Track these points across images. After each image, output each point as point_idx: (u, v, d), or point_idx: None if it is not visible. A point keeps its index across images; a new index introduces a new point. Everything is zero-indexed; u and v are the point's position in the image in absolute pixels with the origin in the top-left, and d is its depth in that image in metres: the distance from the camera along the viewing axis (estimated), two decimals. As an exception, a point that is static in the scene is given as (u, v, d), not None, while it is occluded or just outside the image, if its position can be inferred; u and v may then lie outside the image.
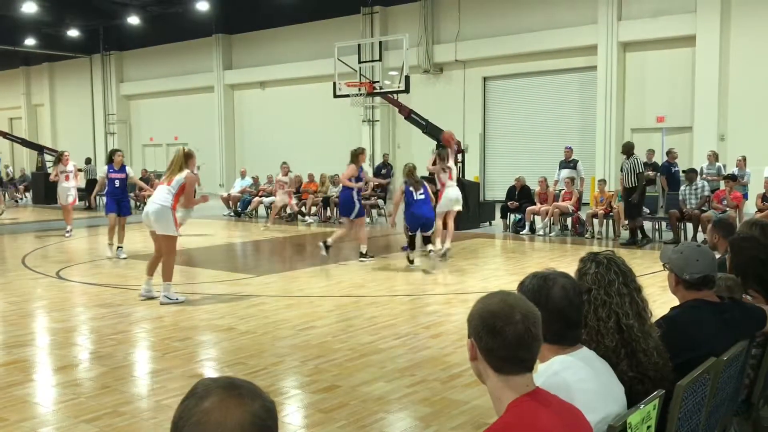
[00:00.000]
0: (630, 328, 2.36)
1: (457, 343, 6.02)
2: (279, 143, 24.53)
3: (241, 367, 5.46)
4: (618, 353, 2.34)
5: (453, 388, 4.92)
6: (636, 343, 2.36)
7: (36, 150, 26.70)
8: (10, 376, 5.30)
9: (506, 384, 1.77)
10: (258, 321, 7.03)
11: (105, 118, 33.35)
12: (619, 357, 2.34)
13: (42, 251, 12.41)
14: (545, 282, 2.17)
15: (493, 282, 9.00)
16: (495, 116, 22.46)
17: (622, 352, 2.35)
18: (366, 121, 24.36)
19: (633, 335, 2.36)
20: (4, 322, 7.28)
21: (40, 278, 9.67)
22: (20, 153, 34.29)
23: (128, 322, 7.13)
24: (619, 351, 2.35)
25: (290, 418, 4.43)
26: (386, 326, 6.74)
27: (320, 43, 23.52)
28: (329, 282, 9.38)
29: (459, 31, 22.12)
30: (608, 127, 19.28)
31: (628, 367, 2.34)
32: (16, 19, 27.19)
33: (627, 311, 2.38)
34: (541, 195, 14.14)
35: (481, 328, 1.79)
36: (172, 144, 30.66)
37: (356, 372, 5.31)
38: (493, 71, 22.09)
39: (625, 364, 2.34)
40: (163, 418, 4.37)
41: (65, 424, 4.35)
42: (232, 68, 28.51)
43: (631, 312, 2.39)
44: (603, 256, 2.49)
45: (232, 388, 1.26)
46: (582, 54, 19.80)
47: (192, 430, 1.21)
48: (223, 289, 8.73)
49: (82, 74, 33.80)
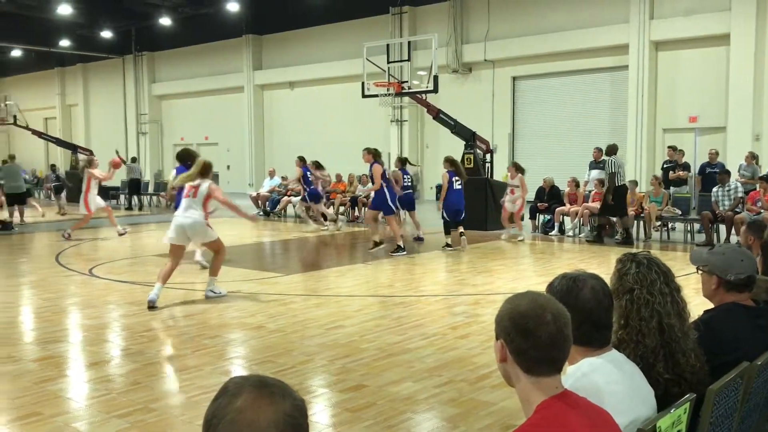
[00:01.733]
0: (671, 327, 2.34)
1: (486, 343, 6.00)
2: (307, 143, 24.63)
3: (270, 365, 5.50)
4: (657, 354, 2.33)
5: (481, 389, 4.90)
6: (676, 344, 2.34)
7: (70, 149, 27.17)
8: (44, 372, 5.41)
9: (536, 385, 1.77)
10: (287, 319, 7.08)
11: (137, 118, 33.83)
12: (657, 358, 2.32)
13: (75, 249, 12.62)
14: (574, 283, 2.16)
15: (522, 283, 8.95)
16: (524, 116, 22.32)
17: (660, 353, 2.33)
18: (394, 121, 24.37)
19: (674, 335, 2.34)
20: (38, 319, 7.43)
21: (73, 275, 9.85)
22: (55, 152, 34.92)
23: (159, 319, 7.22)
24: (658, 352, 2.33)
25: (318, 416, 4.45)
26: (414, 326, 6.74)
27: (349, 43, 23.59)
28: (357, 281, 9.40)
29: (488, 30, 22.02)
30: (639, 128, 19.05)
31: (664, 368, 2.31)
32: (52, 21, 27.73)
33: (669, 311, 2.37)
34: (571, 196, 14.02)
35: (511, 329, 1.78)
36: (202, 144, 30.98)
37: (384, 371, 5.32)
38: (522, 71, 21.96)
39: (662, 365, 2.31)
40: (193, 414, 4.42)
41: (97, 420, 4.42)
42: (262, 68, 28.72)
43: (673, 311, 2.37)
44: (642, 256, 2.47)
45: (263, 386, 1.28)
46: (613, 53, 19.59)
47: (225, 428, 1.23)
48: (253, 288, 8.80)
49: (115, 75, 34.33)
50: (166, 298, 8.15)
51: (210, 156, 21.38)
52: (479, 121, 19.48)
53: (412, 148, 24.41)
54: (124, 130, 34.27)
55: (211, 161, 8.30)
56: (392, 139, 24.56)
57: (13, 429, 4.30)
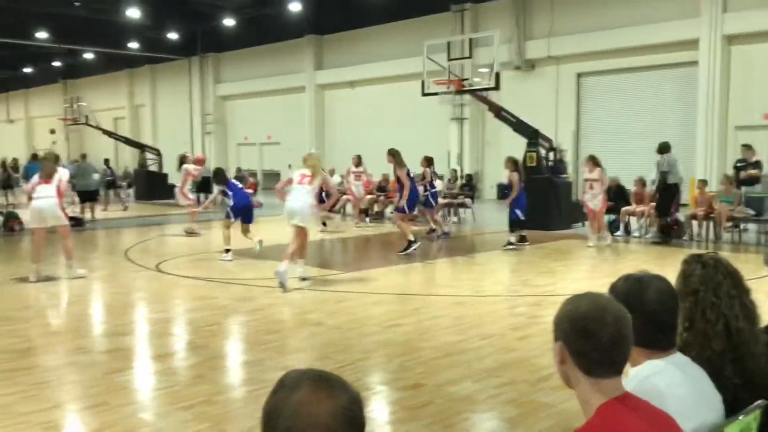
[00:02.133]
0: (740, 331, 2.26)
1: (546, 345, 5.90)
2: (367, 142, 24.75)
3: (328, 361, 5.55)
4: (724, 358, 2.24)
5: (541, 390, 4.83)
6: (745, 347, 2.25)
7: (138, 148, 28.05)
8: (112, 363, 5.59)
9: (596, 387, 1.73)
10: (345, 316, 7.13)
11: (202, 118, 34.66)
12: (725, 362, 2.24)
13: (143, 245, 13.01)
14: (639, 284, 2.10)
15: (585, 284, 8.76)
16: (589, 113, 21.89)
17: (728, 357, 2.24)
18: (454, 119, 24.25)
19: (743, 339, 2.25)
20: (107, 312, 7.70)
21: (141, 271, 10.15)
22: (123, 151, 36.12)
23: (222, 314, 7.37)
24: (725, 355, 2.24)
25: (376, 413, 4.47)
26: (472, 326, 6.69)
27: (409, 41, 23.59)
28: (416, 280, 9.39)
29: (552, 26, 21.68)
30: (710, 125, 18.43)
31: (733, 373, 2.23)
32: (121, 23, 28.70)
33: (737, 314, 2.28)
34: (637, 195, 13.67)
35: (571, 330, 1.75)
36: (265, 143, 31.53)
37: (442, 371, 5.30)
38: (587, 67, 21.54)
39: (730, 370, 2.23)
40: (254, 407, 4.49)
41: (162, 411, 4.55)
42: (323, 68, 29.00)
43: (741, 315, 2.28)
44: (708, 258, 2.39)
45: (321, 380, 1.29)
46: (682, 49, 19.02)
47: (286, 422, 1.24)
48: (313, 285, 8.89)
49: (181, 76, 35.25)
50: (228, 293, 8.32)
51: (272, 155, 21.71)
52: (542, 119, 19.16)
53: (472, 146, 24.25)
54: (190, 130, 35.15)
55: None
56: (452, 137, 24.44)
57: (83, 417, 4.46)
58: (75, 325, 7.00)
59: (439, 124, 24.38)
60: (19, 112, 48.84)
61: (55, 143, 37.24)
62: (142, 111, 38.86)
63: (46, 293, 8.71)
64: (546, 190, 14.44)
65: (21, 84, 46.86)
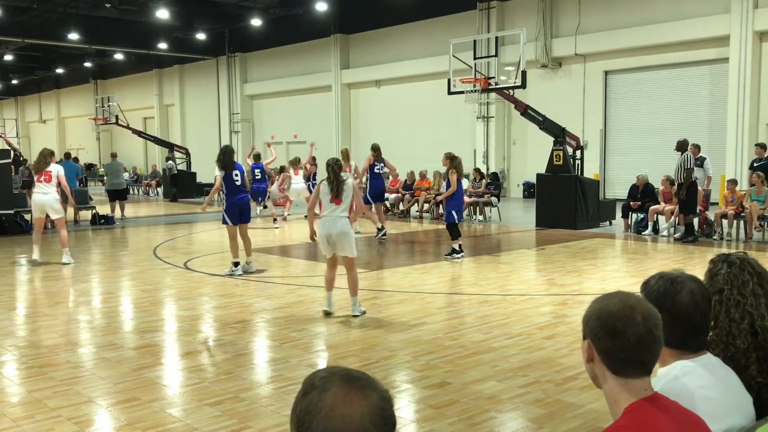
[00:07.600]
0: (765, 330, 2.23)
1: (573, 345, 5.86)
2: (393, 140, 24.75)
3: (354, 359, 5.57)
4: (748, 356, 2.22)
5: (567, 390, 4.80)
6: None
7: (167, 147, 28.34)
8: (141, 359, 5.68)
9: (624, 387, 1.72)
10: (371, 315, 7.15)
11: (230, 117, 34.92)
12: (749, 360, 2.21)
13: (171, 243, 13.16)
14: (672, 285, 2.08)
15: (612, 283, 8.69)
16: (617, 111, 21.65)
17: (753, 355, 2.22)
18: (480, 117, 24.14)
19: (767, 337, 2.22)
20: (136, 309, 7.80)
21: (169, 268, 10.28)
22: (153, 150, 36.52)
23: (249, 311, 7.44)
24: (750, 354, 2.22)
25: (401, 411, 4.47)
26: (498, 325, 6.66)
27: (435, 40, 23.53)
28: (441, 279, 9.38)
29: (579, 23, 21.48)
30: (740, 123, 18.11)
31: (757, 372, 2.20)
32: (150, 24, 29.06)
33: (763, 313, 2.25)
34: (666, 194, 13.51)
35: (599, 329, 1.74)
36: (292, 142, 31.66)
37: (467, 370, 5.29)
38: (615, 65, 21.29)
39: (755, 368, 2.20)
40: (280, 405, 4.53)
41: (191, 407, 4.60)
42: (349, 67, 29.06)
43: (767, 313, 2.26)
44: (735, 257, 2.36)
45: (352, 380, 1.28)
46: (712, 45, 18.72)
47: (320, 424, 1.23)
48: (338, 283, 8.91)
49: (209, 75, 35.56)
50: (254, 291, 8.38)
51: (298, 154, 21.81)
52: (569, 117, 19.01)
53: (498, 144, 24.13)
54: (218, 129, 35.44)
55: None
56: (478, 135, 24.35)
57: (114, 412, 4.54)
58: (105, 322, 7.11)
59: (465, 122, 24.30)
60: (52, 112, 49.67)
61: (84, 149, 37.64)
62: (170, 110, 39.27)
63: (77, 290, 8.87)
64: (572, 189, 14.32)
65: (53, 84, 47.70)
